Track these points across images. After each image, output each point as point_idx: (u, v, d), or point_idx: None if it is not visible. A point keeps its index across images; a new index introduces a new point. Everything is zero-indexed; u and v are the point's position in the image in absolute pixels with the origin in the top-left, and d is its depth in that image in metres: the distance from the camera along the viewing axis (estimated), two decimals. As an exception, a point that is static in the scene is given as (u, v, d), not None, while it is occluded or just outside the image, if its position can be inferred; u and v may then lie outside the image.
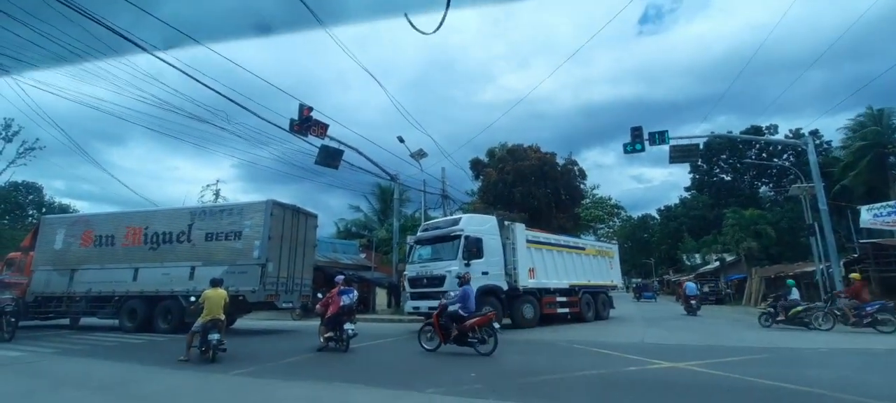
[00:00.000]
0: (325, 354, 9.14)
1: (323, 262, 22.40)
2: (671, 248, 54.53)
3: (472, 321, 8.60)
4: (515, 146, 33.98)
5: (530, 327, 14.01)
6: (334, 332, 9.41)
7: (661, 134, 18.18)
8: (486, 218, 15.18)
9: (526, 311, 14.28)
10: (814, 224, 18.46)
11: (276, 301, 13.33)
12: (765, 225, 32.85)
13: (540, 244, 15.52)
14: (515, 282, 14.01)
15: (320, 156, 16.98)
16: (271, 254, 13.16)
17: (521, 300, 14.25)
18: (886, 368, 7.20)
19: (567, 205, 33.82)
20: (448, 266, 12.58)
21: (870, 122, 30.64)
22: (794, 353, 8.72)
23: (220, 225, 13.85)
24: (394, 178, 22.49)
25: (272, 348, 10.59)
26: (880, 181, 29.44)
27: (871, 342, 10.24)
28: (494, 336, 8.49)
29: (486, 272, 13.15)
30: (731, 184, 44.47)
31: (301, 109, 15.80)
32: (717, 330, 13.90)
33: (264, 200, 13.84)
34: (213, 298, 8.42)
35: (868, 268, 18.27)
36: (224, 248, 13.55)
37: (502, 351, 9.35)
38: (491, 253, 13.48)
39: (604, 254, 18.98)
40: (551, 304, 15.21)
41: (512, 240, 14.39)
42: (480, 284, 12.75)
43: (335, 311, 9.41)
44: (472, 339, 8.54)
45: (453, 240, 13.02)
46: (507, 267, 14.06)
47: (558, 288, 15.63)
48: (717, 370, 6.81)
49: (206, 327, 8.23)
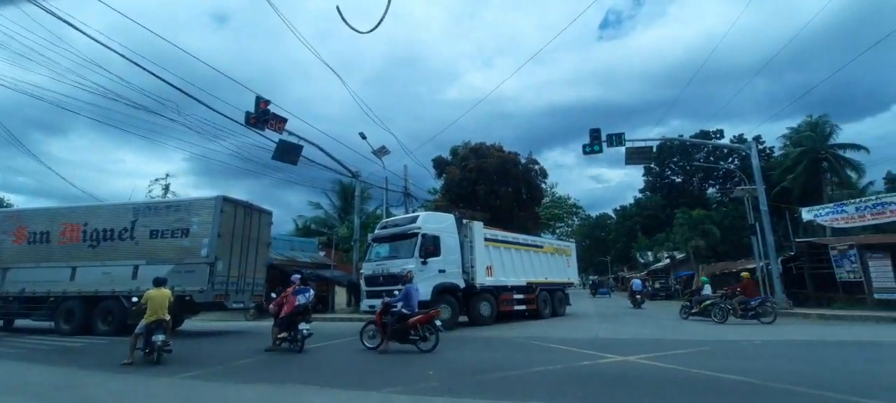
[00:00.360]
0: (279, 355, 8.89)
1: (279, 261, 21.76)
2: (626, 247, 56.70)
3: (415, 319, 8.69)
4: (478, 144, 34.27)
5: (487, 324, 14.13)
6: (288, 332, 9.18)
7: (619, 136, 18.89)
8: (444, 216, 15.22)
9: (483, 309, 14.37)
10: (755, 224, 19.64)
11: (225, 301, 12.82)
12: (711, 224, 34.71)
13: (498, 242, 15.67)
14: (473, 280, 14.07)
15: (278, 152, 16.50)
16: (221, 253, 12.64)
17: (478, 298, 14.33)
18: (809, 357, 7.76)
19: (528, 204, 34.46)
20: (405, 264, 12.46)
21: (807, 130, 33.03)
22: (733, 345, 9.24)
23: (165, 222, 13.16)
24: (355, 175, 22.15)
25: (223, 350, 10.18)
26: (815, 184, 31.82)
27: (797, 333, 11.06)
28: (436, 334, 8.64)
29: (443, 270, 13.13)
30: (682, 186, 46.75)
31: (258, 102, 15.29)
32: (666, 324, 14.56)
33: (214, 196, 13.28)
34: (156, 298, 8.10)
35: (803, 265, 19.69)
36: (170, 246, 12.90)
37: (460, 349, 9.46)
38: (448, 252, 13.48)
39: (561, 252, 19.36)
40: (508, 302, 15.37)
41: (470, 239, 14.46)
42: (437, 282, 12.79)
43: (290, 311, 9.18)
44: (413, 336, 8.62)
45: (411, 238, 12.96)
46: (464, 264, 14.12)
47: (516, 286, 15.80)
48: (664, 362, 7.12)
49: (149, 328, 7.88)
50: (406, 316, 8.76)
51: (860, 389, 5.05)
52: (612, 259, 68.34)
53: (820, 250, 18.74)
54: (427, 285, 12.41)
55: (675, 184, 47.29)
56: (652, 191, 49.84)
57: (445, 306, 12.90)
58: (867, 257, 16.17)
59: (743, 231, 35.82)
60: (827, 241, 18.75)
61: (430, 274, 12.68)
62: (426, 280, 12.46)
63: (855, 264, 16.51)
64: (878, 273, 15.89)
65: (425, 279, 12.44)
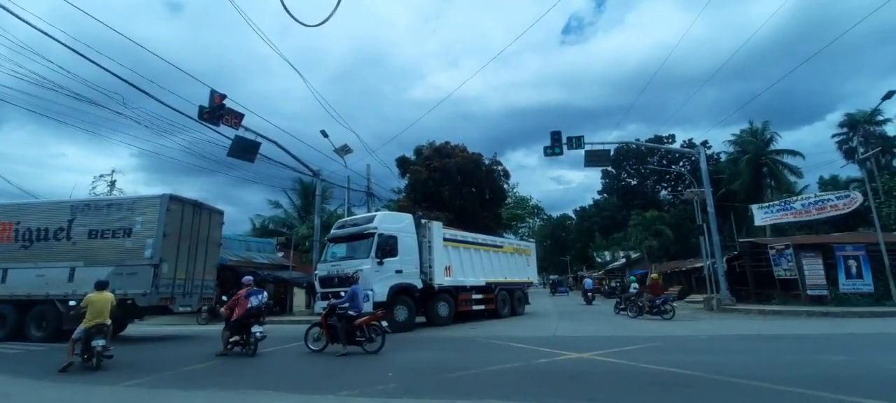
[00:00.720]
0: (231, 360, 8.59)
1: (234, 262, 21.02)
2: (584, 247, 58.49)
3: (362, 320, 8.67)
4: (442, 144, 34.33)
5: (445, 325, 14.12)
6: (241, 336, 8.93)
7: (578, 139, 19.44)
8: (402, 216, 15.12)
9: (440, 309, 14.37)
10: (703, 224, 20.70)
11: (171, 304, 12.22)
12: (663, 225, 36.36)
13: (457, 242, 15.70)
14: (431, 280, 14.01)
15: (234, 149, 15.89)
16: (167, 254, 12.04)
17: (436, 298, 14.31)
18: (749, 350, 8.28)
19: (491, 205, 34.85)
20: (360, 264, 12.24)
21: (749, 136, 35.27)
22: (682, 341, 9.72)
23: (106, 222, 12.42)
24: (316, 174, 21.68)
25: (169, 355, 9.73)
26: (757, 186, 34.02)
27: (739, 328, 11.79)
28: (382, 336, 8.66)
29: (400, 270, 13.01)
30: (637, 188, 48.69)
31: (212, 96, 14.65)
32: (620, 322, 15.10)
33: (159, 194, 12.64)
34: (97, 302, 7.75)
35: (745, 264, 20.93)
36: (110, 247, 12.17)
37: (418, 349, 9.48)
38: (406, 252, 13.38)
39: (521, 252, 19.58)
40: (467, 301, 15.42)
41: (429, 239, 14.38)
42: (394, 283, 12.68)
43: (242, 313, 8.91)
44: (359, 338, 8.58)
45: (367, 238, 12.75)
46: (423, 265, 14.04)
47: (475, 286, 15.86)
48: (617, 358, 7.38)
49: (89, 333, 7.52)
50: (353, 317, 8.69)
51: (792, 379, 5.42)
52: (571, 258, 70.31)
53: (760, 249, 19.97)
54: (383, 286, 12.29)
55: (630, 186, 49.20)
56: (609, 192, 51.61)
57: (402, 307, 12.85)
58: (802, 256, 17.37)
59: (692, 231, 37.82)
60: (766, 241, 20.04)
61: (386, 274, 12.52)
62: (383, 280, 12.33)
63: (791, 263, 17.68)
64: (810, 271, 17.09)
65: (382, 280, 12.30)
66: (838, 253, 16.96)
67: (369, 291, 11.72)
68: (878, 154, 32.64)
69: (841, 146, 38.90)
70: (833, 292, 16.59)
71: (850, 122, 37.17)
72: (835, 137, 39.50)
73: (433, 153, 33.79)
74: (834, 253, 17.04)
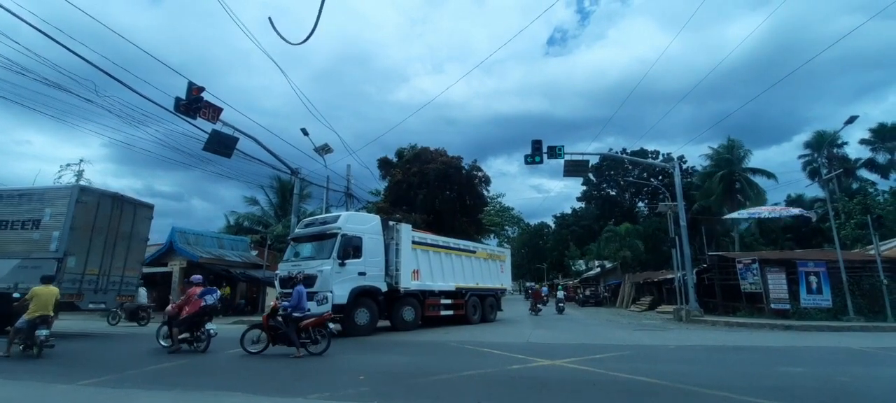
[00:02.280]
0: (188, 359, 8.44)
1: (205, 259, 20.54)
2: (561, 255, 59.19)
3: (307, 321, 8.60)
4: (423, 149, 34.39)
5: (410, 329, 13.87)
6: (190, 333, 9.07)
7: (558, 148, 19.73)
8: (369, 216, 14.95)
9: (406, 314, 14.14)
10: (675, 237, 21.26)
11: (78, 301, 11.79)
12: (635, 239, 37.11)
13: (427, 246, 15.46)
14: (397, 284, 13.77)
15: (210, 143, 15.55)
16: (75, 247, 11.63)
17: (401, 302, 14.06)
18: (713, 361, 8.54)
19: (471, 210, 35.01)
20: (321, 265, 11.99)
21: (725, 152, 36.38)
22: (650, 350, 9.95)
23: (16, 212, 12.03)
24: (295, 173, 21.36)
25: (112, 354, 9.55)
26: (730, 201, 35.12)
27: (705, 338, 12.12)
28: (328, 338, 8.63)
29: (364, 272, 12.74)
30: (615, 199, 49.58)
31: (190, 88, 14.34)
32: (593, 330, 15.36)
33: (70, 185, 12.26)
34: (42, 295, 8.12)
35: (714, 277, 21.56)
36: (18, 239, 11.77)
37: (389, 353, 9.45)
38: (371, 254, 13.15)
39: (495, 258, 19.42)
40: (434, 306, 15.23)
41: (396, 241, 14.14)
42: (356, 285, 12.36)
43: (195, 311, 9.05)
44: (304, 339, 8.51)
45: (331, 238, 12.44)
46: (389, 268, 13.80)
47: (443, 291, 15.66)
48: (588, 366, 7.50)
49: (33, 323, 7.84)
50: (298, 318, 8.61)
51: (752, 389, 5.62)
52: (548, 266, 71.07)
53: (729, 263, 20.62)
54: (344, 288, 12.04)
55: (609, 196, 50.08)
56: (588, 201, 52.40)
57: (364, 310, 12.58)
58: (767, 271, 18.02)
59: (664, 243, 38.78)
60: (734, 255, 20.71)
61: (348, 276, 12.25)
62: (344, 282, 12.07)
63: (756, 277, 18.32)
64: (774, 285, 17.75)
65: (343, 281, 12.06)
66: (801, 268, 17.65)
67: (328, 293, 11.52)
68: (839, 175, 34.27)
69: (806, 166, 40.67)
70: (795, 306, 17.25)
71: (815, 143, 38.86)
72: (801, 158, 41.31)
73: (413, 157, 33.80)
74: (797, 269, 17.72)
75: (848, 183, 38.17)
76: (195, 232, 23.32)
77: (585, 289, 40.42)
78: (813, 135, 39.30)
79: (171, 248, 21.44)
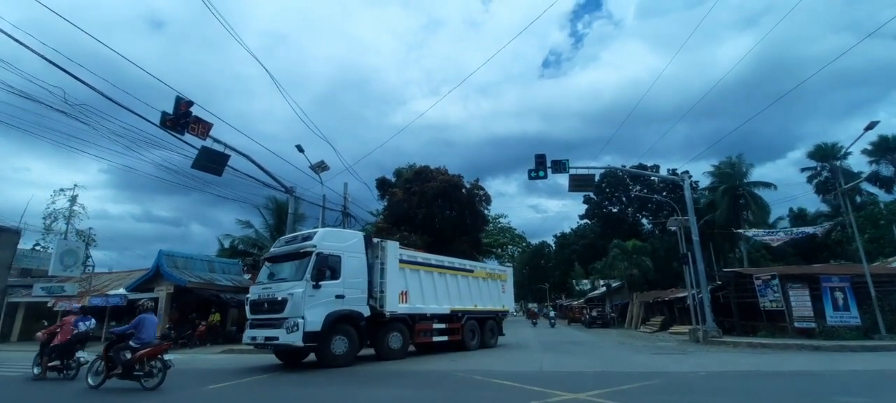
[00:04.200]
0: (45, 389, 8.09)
1: (194, 284, 19.47)
2: (564, 275, 58.04)
3: (142, 352, 7.92)
4: (423, 167, 33.65)
5: (397, 358, 12.48)
6: (61, 361, 9.28)
7: (563, 163, 18.97)
8: (350, 233, 13.59)
9: (392, 341, 12.67)
10: (687, 253, 20.25)
11: None
12: (643, 256, 36.07)
13: (417, 265, 14.11)
14: (381, 307, 12.36)
15: (199, 160, 14.74)
16: None
17: (387, 328, 12.64)
18: (753, 390, 7.52)
19: (472, 229, 34.05)
20: (291, 288, 10.73)
21: (728, 168, 35.68)
22: (681, 378, 8.88)
23: None
24: (289, 191, 20.50)
25: None
26: (735, 216, 34.25)
27: (734, 363, 11.06)
28: (164, 371, 7.98)
29: (342, 295, 11.37)
30: (618, 216, 48.66)
31: (178, 103, 13.61)
32: (608, 354, 14.25)
33: None
34: None
35: (729, 294, 20.51)
36: None
37: (388, 385, 8.41)
38: (351, 274, 11.80)
39: (495, 278, 17.91)
40: (426, 332, 13.88)
41: (382, 260, 12.78)
42: (333, 309, 11.03)
43: (65, 339, 9.26)
44: (137, 372, 7.89)
45: (304, 257, 11.20)
46: (373, 289, 12.44)
47: (436, 314, 14.26)
48: (617, 399, 6.48)
49: None
50: (135, 348, 7.96)
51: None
52: (550, 286, 69.70)
53: (745, 280, 19.59)
54: (318, 313, 10.67)
55: (612, 213, 49.16)
56: (591, 219, 51.50)
57: (342, 337, 11.18)
58: (788, 287, 17.00)
59: (672, 260, 37.66)
60: (752, 271, 19.67)
61: (323, 299, 10.92)
62: (318, 307, 10.72)
63: (777, 294, 17.28)
64: (797, 302, 16.71)
65: (318, 305, 10.72)
66: (825, 284, 16.66)
67: (299, 319, 10.25)
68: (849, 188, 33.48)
69: (811, 179, 39.86)
70: (820, 324, 16.19)
71: (819, 155, 38.20)
72: (804, 171, 40.52)
73: (413, 176, 33.04)
74: (820, 285, 16.73)
75: (851, 196, 37.40)
76: (184, 255, 22.27)
77: (592, 310, 39.07)
78: (815, 148, 38.76)
79: (158, 273, 20.36)
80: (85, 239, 31.72)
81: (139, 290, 20.80)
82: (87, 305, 20.62)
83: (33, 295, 21.94)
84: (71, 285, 21.84)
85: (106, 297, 20.66)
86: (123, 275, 24.43)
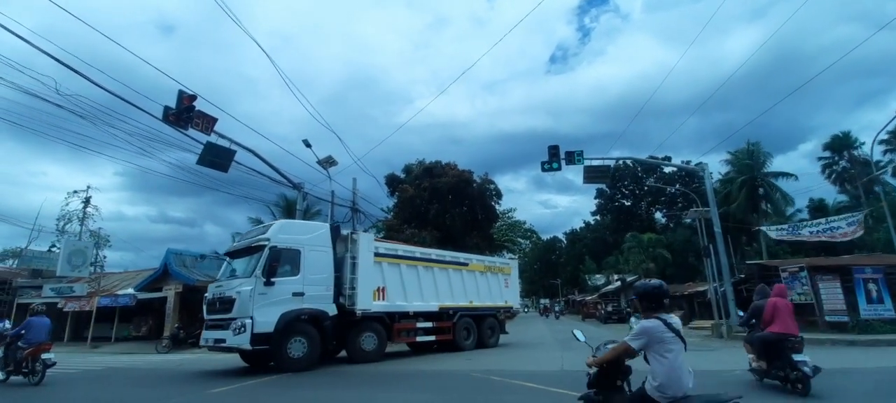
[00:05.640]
0: None
1: (201, 282, 19.16)
2: (576, 270, 57.22)
3: (27, 352, 8.70)
4: (433, 163, 33.21)
5: (371, 361, 11.45)
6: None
7: (578, 154, 18.36)
8: (313, 224, 12.63)
9: (365, 342, 11.61)
10: (709, 245, 19.47)
11: None
12: (661, 248, 35.23)
13: (397, 258, 12.97)
14: (352, 305, 11.32)
15: (205, 156, 14.35)
16: None
17: (360, 328, 11.60)
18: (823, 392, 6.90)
19: (483, 225, 33.54)
20: (239, 286, 9.90)
21: (745, 157, 34.53)
22: (718, 377, 8.31)
23: None
24: (297, 187, 20.11)
25: None
26: (753, 209, 33.25)
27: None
28: (43, 369, 8.70)
29: (300, 293, 10.38)
30: (631, 209, 47.78)
31: (181, 97, 13.21)
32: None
33: None
34: None
35: (752, 288, 19.70)
36: None
37: (399, 387, 7.88)
38: (314, 270, 10.81)
39: (496, 271, 16.36)
40: (408, 331, 12.88)
41: (353, 254, 11.74)
42: (289, 309, 10.05)
43: None
44: (25, 369, 8.71)
45: (257, 252, 10.31)
46: (343, 286, 11.48)
47: (422, 312, 13.14)
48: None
49: None
50: (23, 348, 8.74)
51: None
52: (562, 282, 68.90)
53: (770, 272, 18.77)
54: (270, 313, 9.73)
55: (624, 207, 48.29)
56: (602, 214, 50.66)
57: (300, 339, 10.16)
58: (817, 279, 16.21)
59: (688, 254, 36.74)
60: (777, 263, 18.88)
61: (278, 298, 9.97)
62: (269, 306, 9.78)
63: (805, 286, 16.49)
64: (828, 295, 15.91)
65: (269, 305, 9.78)
66: (857, 275, 15.83)
67: (247, 320, 9.41)
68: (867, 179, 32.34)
69: (826, 169, 38.61)
70: (853, 318, 15.40)
71: (835, 145, 37.03)
72: (820, 160, 39.30)
73: (423, 172, 32.60)
74: (852, 276, 15.92)
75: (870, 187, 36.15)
76: (193, 253, 22.03)
77: (607, 305, 38.27)
78: (831, 138, 37.60)
79: (166, 272, 20.12)
80: (95, 240, 31.70)
81: (148, 290, 20.61)
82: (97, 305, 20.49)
83: (43, 296, 21.84)
84: (80, 285, 21.71)
85: (115, 297, 20.49)
86: (133, 275, 24.29)
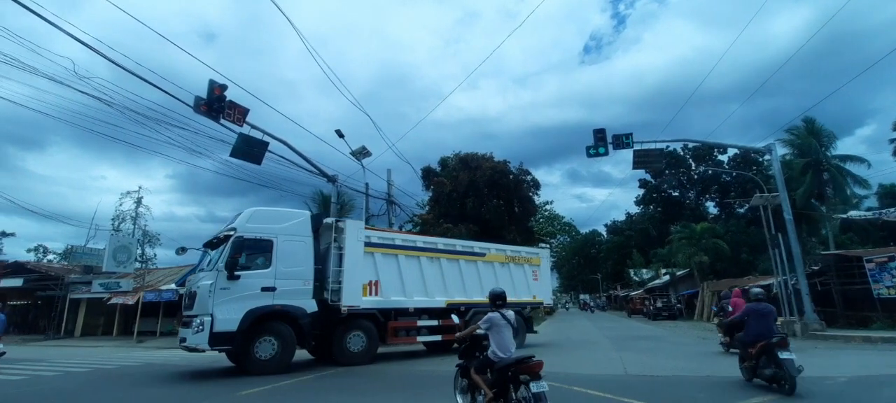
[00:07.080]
0: None
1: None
2: (617, 264, 54.76)
3: None
4: (469, 154, 32.20)
5: (360, 363, 10.36)
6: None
7: (626, 136, 17.10)
8: (289, 212, 11.02)
9: (351, 343, 10.49)
10: (778, 234, 17.53)
11: None
12: (715, 239, 32.81)
13: (395, 248, 11.67)
14: (337, 301, 10.20)
15: (238, 148, 14.04)
16: None
17: (346, 326, 10.48)
18: None
19: (520, 218, 32.30)
20: (200, 280, 9.19)
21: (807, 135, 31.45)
22: (815, 385, 6.95)
23: None
24: (331, 179, 19.68)
25: None
26: (819, 195, 30.39)
27: (873, 364, 8.85)
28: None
29: (271, 287, 9.39)
30: (678, 200, 45.13)
31: (211, 87, 12.91)
32: (693, 351, 12.28)
33: None
34: None
35: (830, 281, 17.70)
36: None
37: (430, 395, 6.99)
38: (289, 262, 9.77)
39: (521, 262, 14.57)
40: (407, 330, 11.52)
41: (339, 244, 10.61)
42: (256, 305, 9.08)
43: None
44: None
45: (225, 243, 9.41)
46: (328, 279, 10.38)
47: (424, 309, 11.82)
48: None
49: None
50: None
51: None
52: (602, 276, 66.36)
53: (850, 263, 16.80)
54: (235, 309, 8.81)
55: (671, 197, 45.65)
56: (647, 204, 48.18)
57: (268, 339, 9.16)
58: (911, 271, 14.24)
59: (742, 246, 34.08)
60: (861, 253, 16.82)
61: (243, 293, 9.00)
62: (235, 302, 8.85)
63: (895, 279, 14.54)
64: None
65: (233, 301, 8.84)
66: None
67: (206, 317, 8.55)
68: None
69: (899, 151, 34.79)
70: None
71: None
72: (893, 142, 35.59)
73: (459, 163, 31.68)
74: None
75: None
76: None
77: (655, 300, 36.17)
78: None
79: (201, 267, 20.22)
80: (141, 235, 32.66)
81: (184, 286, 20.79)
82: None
83: (92, 291, 22.51)
84: (126, 281, 22.20)
85: (159, 292, 20.79)
86: (176, 271, 24.72)
